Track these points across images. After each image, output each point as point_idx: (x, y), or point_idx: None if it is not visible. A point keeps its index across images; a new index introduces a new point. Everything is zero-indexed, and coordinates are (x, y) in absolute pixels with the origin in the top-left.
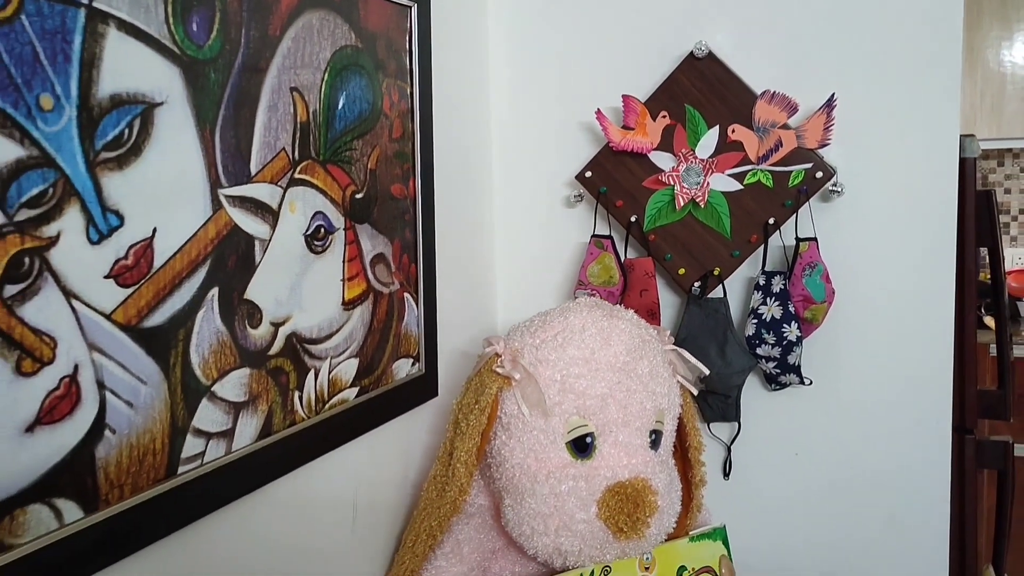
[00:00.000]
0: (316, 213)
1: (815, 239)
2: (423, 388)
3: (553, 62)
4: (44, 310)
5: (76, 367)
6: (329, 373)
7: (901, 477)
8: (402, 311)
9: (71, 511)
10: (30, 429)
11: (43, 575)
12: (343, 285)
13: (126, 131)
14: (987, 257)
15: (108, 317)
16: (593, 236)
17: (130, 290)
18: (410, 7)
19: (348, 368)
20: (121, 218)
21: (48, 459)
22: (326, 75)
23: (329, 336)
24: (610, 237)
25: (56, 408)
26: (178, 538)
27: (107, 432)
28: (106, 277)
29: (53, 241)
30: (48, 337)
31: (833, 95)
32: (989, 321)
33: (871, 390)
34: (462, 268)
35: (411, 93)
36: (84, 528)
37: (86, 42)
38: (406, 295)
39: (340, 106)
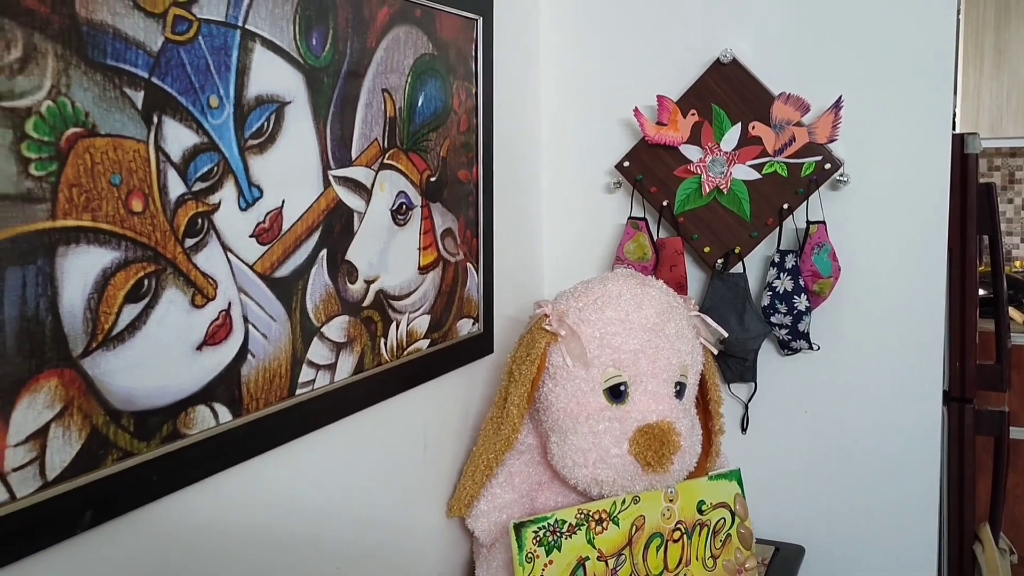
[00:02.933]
0: (399, 192)
1: (824, 222)
2: (481, 345)
3: (596, 66)
4: (210, 259)
5: (229, 304)
6: (407, 326)
7: (895, 435)
8: (465, 278)
9: (224, 413)
10: (199, 348)
11: (205, 460)
12: (419, 253)
13: (265, 123)
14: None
15: (251, 267)
16: (630, 218)
17: (266, 247)
18: (476, 20)
19: (422, 323)
20: (261, 191)
21: (210, 372)
22: (409, 78)
23: (408, 295)
24: (644, 219)
25: (216, 334)
26: (295, 445)
27: (249, 356)
28: (250, 236)
29: (216, 207)
30: (212, 279)
31: (840, 97)
32: (1016, 314)
33: (871, 356)
34: (514, 244)
35: (476, 93)
36: (232, 428)
37: (240, 55)
38: (468, 265)
39: (419, 104)
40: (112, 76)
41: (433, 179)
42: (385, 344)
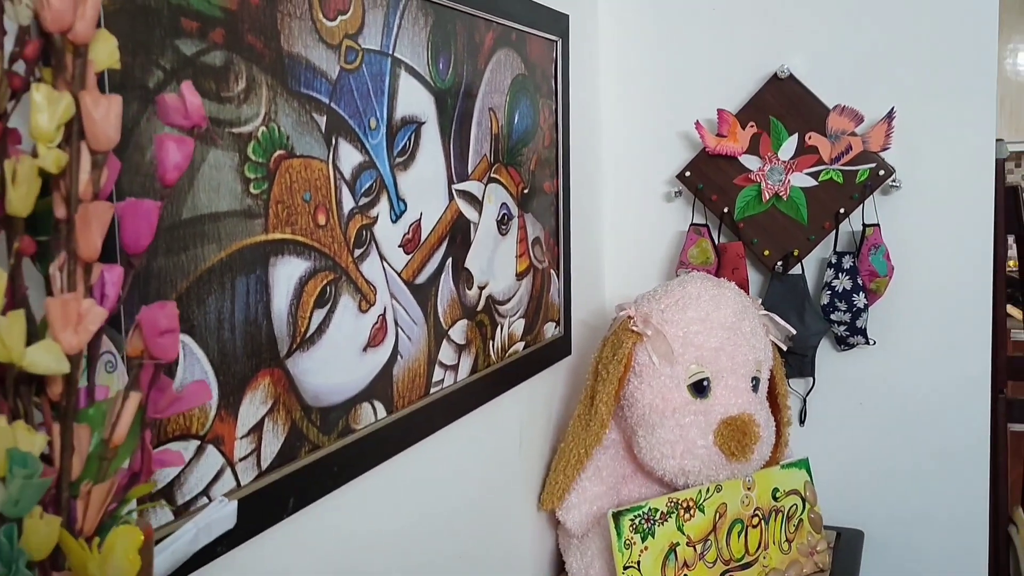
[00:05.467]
0: (502, 204)
1: (878, 225)
2: (562, 348)
3: (657, 82)
4: (371, 267)
5: (385, 309)
6: (508, 329)
7: (945, 424)
8: (549, 284)
9: (380, 410)
10: (364, 349)
11: (369, 452)
12: (516, 260)
13: (408, 142)
14: (1015, 245)
15: (399, 274)
16: (692, 225)
17: (409, 256)
18: (556, 41)
19: (519, 326)
20: (406, 204)
21: (372, 371)
22: (508, 97)
23: (508, 300)
24: (706, 225)
25: (376, 336)
26: (428, 442)
27: (399, 357)
28: (398, 246)
29: (375, 220)
30: (373, 286)
31: (893, 108)
32: (1014, 311)
33: (924, 349)
34: (583, 251)
35: (556, 110)
36: (387, 424)
37: (391, 80)
38: (552, 271)
39: (516, 121)
40: (304, 102)
41: (526, 191)
42: (493, 346)
